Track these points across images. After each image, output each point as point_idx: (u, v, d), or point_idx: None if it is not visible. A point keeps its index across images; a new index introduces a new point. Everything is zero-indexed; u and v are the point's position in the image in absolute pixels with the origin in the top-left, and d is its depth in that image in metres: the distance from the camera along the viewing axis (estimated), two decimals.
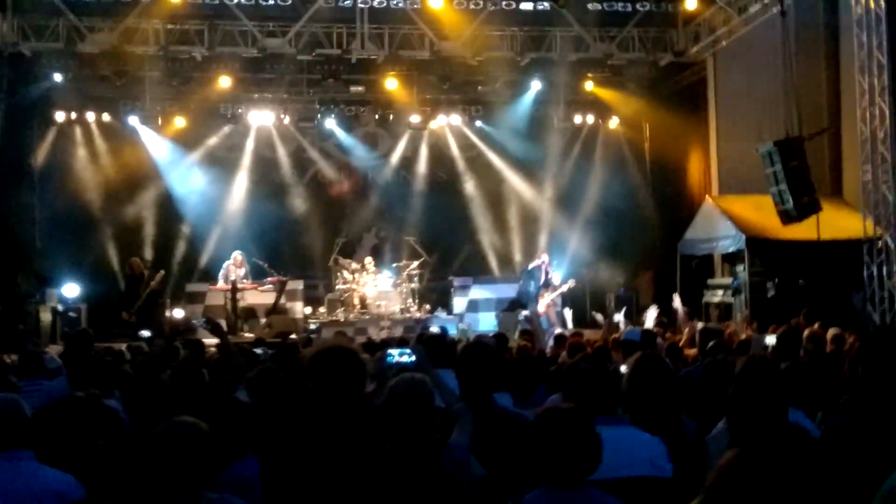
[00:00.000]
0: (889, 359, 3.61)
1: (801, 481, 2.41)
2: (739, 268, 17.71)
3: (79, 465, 4.68)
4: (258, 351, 10.68)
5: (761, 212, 16.40)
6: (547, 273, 18.71)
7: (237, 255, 18.82)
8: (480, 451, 4.64)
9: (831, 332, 8.64)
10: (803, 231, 15.16)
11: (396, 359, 4.77)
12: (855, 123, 15.61)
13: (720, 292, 18.56)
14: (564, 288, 18.96)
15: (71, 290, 18.95)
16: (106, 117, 21.34)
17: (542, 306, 18.11)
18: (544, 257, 19.01)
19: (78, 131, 21.38)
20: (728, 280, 18.54)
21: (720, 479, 2.42)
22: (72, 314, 18.18)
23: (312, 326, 18.94)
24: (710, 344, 6.88)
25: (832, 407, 4.77)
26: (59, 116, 20.93)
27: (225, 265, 18.70)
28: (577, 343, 9.31)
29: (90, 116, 21.20)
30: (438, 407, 4.43)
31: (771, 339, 7.70)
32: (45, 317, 17.80)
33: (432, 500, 3.91)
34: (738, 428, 4.22)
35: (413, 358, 4.72)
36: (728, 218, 17.43)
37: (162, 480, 3.63)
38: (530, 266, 19.25)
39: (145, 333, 13.88)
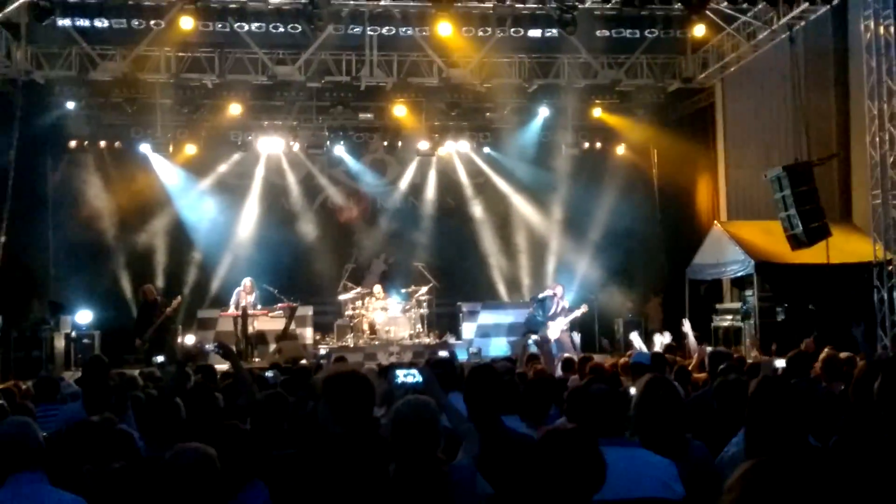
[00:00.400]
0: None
1: (818, 494, 2.44)
2: (748, 293, 17.72)
3: (93, 487, 4.73)
4: (269, 374, 10.72)
5: (770, 237, 16.44)
6: (558, 305, 18.71)
7: (247, 281, 18.88)
8: (488, 472, 4.68)
9: (841, 356, 8.63)
10: (813, 256, 15.19)
11: (402, 379, 4.80)
12: (864, 148, 15.67)
13: (729, 317, 18.55)
14: (577, 313, 18.96)
15: (84, 316, 19.06)
16: (118, 145, 21.47)
17: (555, 332, 18.10)
18: (558, 289, 19.01)
19: (90, 159, 21.53)
20: (737, 305, 18.53)
21: (738, 484, 2.46)
22: (85, 341, 18.29)
23: (322, 352, 18.96)
24: (721, 367, 6.89)
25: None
26: (72, 144, 21.08)
27: (236, 291, 18.76)
28: (597, 366, 9.30)
29: (102, 144, 21.33)
30: (445, 427, 4.47)
31: (780, 363, 7.71)
32: (59, 343, 17.87)
33: None
34: (755, 448, 4.23)
35: (419, 378, 4.75)
36: (737, 243, 17.47)
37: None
38: (541, 295, 19.26)
39: (159, 359, 13.90)
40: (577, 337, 19.11)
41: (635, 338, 14.06)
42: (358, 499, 3.99)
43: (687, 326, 12.45)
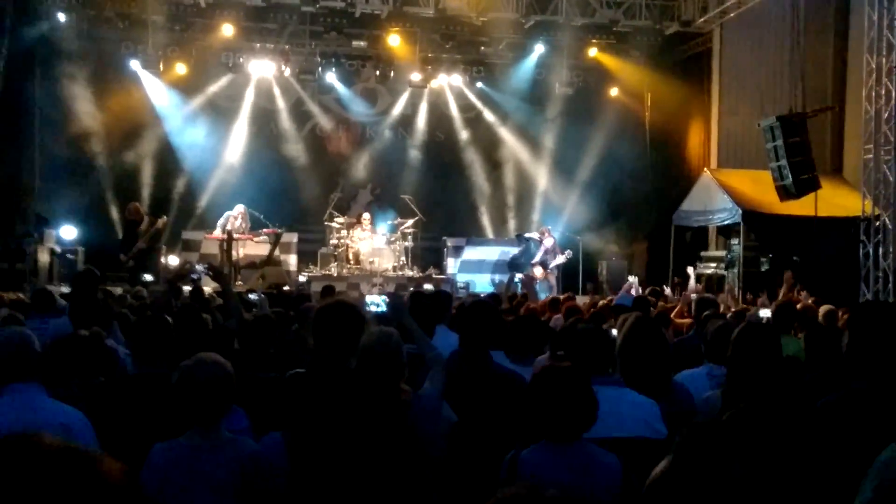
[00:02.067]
0: (874, 331, 3.68)
1: (793, 446, 2.48)
2: (734, 241, 17.80)
3: (81, 400, 4.75)
4: (253, 297, 10.75)
5: (759, 186, 16.48)
6: (544, 249, 18.78)
7: (240, 208, 18.78)
8: (476, 405, 4.74)
9: (824, 308, 8.71)
10: (801, 207, 15.26)
11: (370, 308, 4.85)
12: (859, 102, 15.64)
13: (713, 265, 18.67)
14: (561, 259, 19.06)
15: (69, 232, 18.95)
16: (107, 60, 21.15)
17: (540, 272, 18.20)
18: (545, 234, 19.05)
19: (79, 73, 21.20)
20: (722, 253, 18.64)
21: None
22: (69, 256, 18.21)
23: (302, 279, 19.00)
24: (706, 313, 6.94)
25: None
26: (61, 57, 20.72)
27: (225, 215, 18.65)
28: (573, 306, 9.38)
29: (92, 58, 20.99)
30: (413, 353, 4.52)
31: (766, 313, 7.77)
32: (44, 257, 17.80)
33: (398, 450, 4.01)
34: (733, 392, 4.29)
35: (382, 308, 4.80)
36: (725, 191, 17.50)
37: (189, 412, 3.83)
38: (527, 235, 19.34)
39: (147, 277, 13.90)
40: (552, 278, 19.18)
41: (634, 282, 14.00)
42: (326, 427, 4.04)
43: (690, 271, 12.53)
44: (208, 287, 12.07)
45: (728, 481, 2.39)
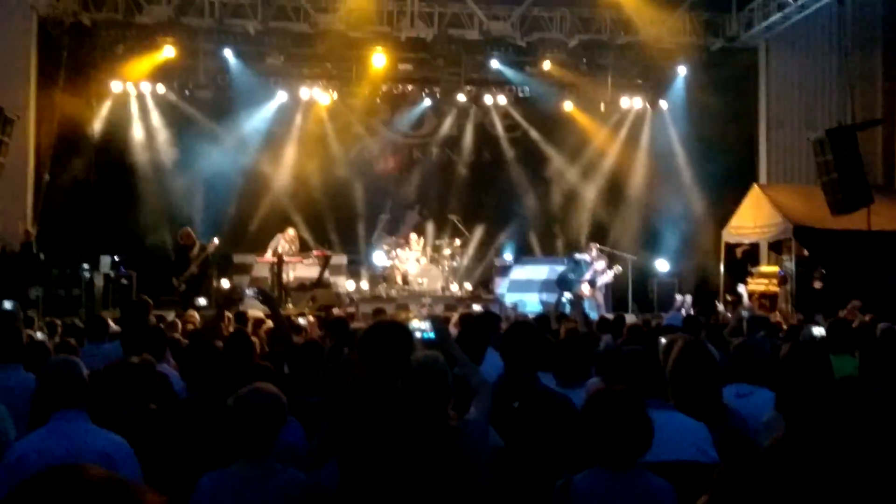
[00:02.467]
0: None
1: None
2: (786, 257, 17.58)
3: (132, 428, 4.82)
4: (301, 322, 10.86)
5: (810, 201, 16.29)
6: (593, 269, 18.73)
7: (290, 232, 18.97)
8: (523, 430, 4.71)
9: (882, 325, 8.53)
10: (853, 221, 15.02)
11: (415, 333, 4.84)
12: None
13: (765, 281, 18.44)
14: (610, 276, 18.97)
15: (122, 258, 19.24)
16: (161, 89, 21.52)
17: (587, 289, 18.12)
18: (593, 252, 18.99)
19: (133, 102, 21.61)
20: (773, 269, 18.40)
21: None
22: (123, 281, 18.52)
23: (350, 300, 19.10)
24: (760, 333, 6.83)
25: None
26: (116, 87, 21.14)
27: (276, 238, 18.85)
28: (635, 326, 9.30)
29: (145, 87, 21.38)
30: (462, 379, 4.51)
31: (819, 330, 7.63)
32: (98, 283, 18.14)
33: (444, 476, 3.98)
34: (788, 412, 4.22)
35: (429, 333, 4.78)
36: (775, 206, 17.31)
37: (240, 441, 3.88)
38: (577, 256, 19.27)
39: (201, 301, 14.06)
40: (600, 296, 19.06)
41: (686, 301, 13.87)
42: (374, 451, 4.04)
43: (742, 290, 12.40)
44: (258, 311, 12.20)
45: None
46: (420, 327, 4.82)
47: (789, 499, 2.43)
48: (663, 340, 6.16)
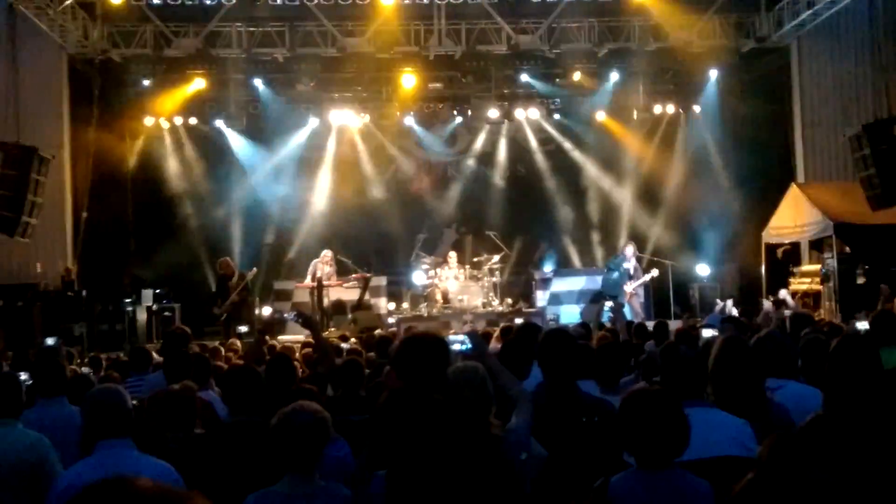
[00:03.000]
0: None
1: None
2: (827, 255, 17.37)
3: (177, 454, 4.87)
4: (345, 346, 10.88)
5: (849, 197, 16.10)
6: (631, 266, 18.66)
7: (327, 253, 19.08)
8: (565, 437, 4.69)
9: None
10: (894, 216, 14.82)
11: (453, 347, 4.84)
12: None
13: (807, 280, 18.23)
14: (647, 278, 18.88)
15: (165, 290, 19.45)
16: (193, 121, 21.80)
17: (625, 296, 18.02)
18: (629, 248, 18.95)
19: (166, 135, 21.91)
20: (816, 267, 18.18)
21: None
22: (166, 314, 18.72)
23: (391, 321, 19.14)
24: (805, 331, 6.75)
25: None
26: (148, 121, 21.45)
27: (313, 263, 18.97)
28: (684, 330, 9.24)
29: (178, 120, 21.67)
30: (501, 390, 4.49)
31: (863, 325, 7.55)
32: (141, 316, 18.37)
33: (490, 484, 3.97)
34: (834, 406, 4.16)
35: (468, 345, 4.78)
36: (814, 204, 17.13)
37: (285, 459, 3.91)
38: (615, 261, 19.20)
39: (243, 329, 14.17)
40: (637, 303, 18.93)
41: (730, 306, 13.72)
42: (418, 462, 4.03)
43: (785, 294, 12.26)
44: (301, 335, 12.27)
45: (814, 491, 2.34)
46: (458, 340, 4.83)
47: (830, 468, 2.40)
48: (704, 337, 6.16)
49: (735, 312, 15.02)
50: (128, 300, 18.24)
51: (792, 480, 2.40)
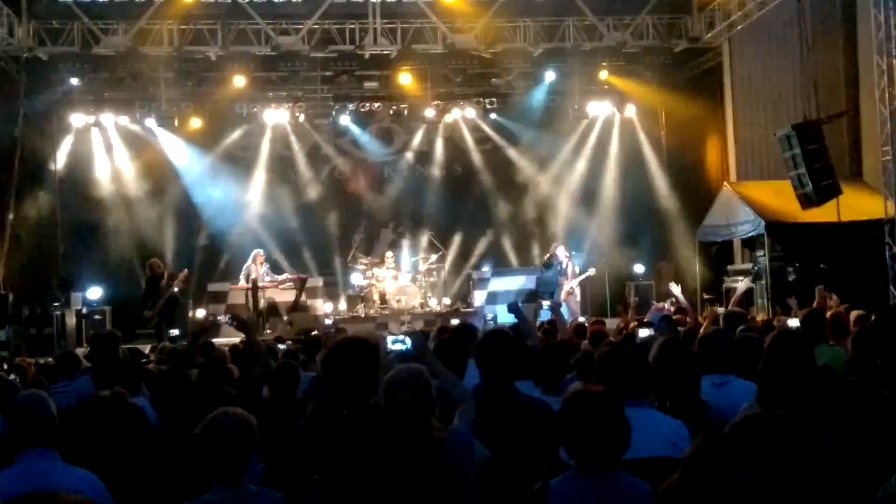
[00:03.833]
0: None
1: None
2: (759, 253, 17.64)
3: (105, 462, 4.73)
4: (282, 347, 10.72)
5: (780, 196, 16.35)
6: (563, 265, 18.75)
7: (258, 253, 18.88)
8: (503, 438, 4.66)
9: (855, 313, 8.56)
10: (823, 214, 15.09)
11: (391, 346, 4.76)
12: (874, 105, 15.50)
13: (740, 278, 18.48)
14: (583, 277, 19.00)
15: (94, 293, 19.04)
16: (123, 120, 21.39)
17: (561, 295, 18.10)
18: (560, 249, 19.05)
19: (96, 134, 21.47)
20: (748, 266, 18.46)
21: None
22: (97, 317, 18.29)
23: (328, 322, 18.98)
24: (740, 328, 6.82)
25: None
26: (77, 120, 21.00)
27: (246, 264, 18.76)
28: (598, 332, 9.29)
29: (107, 119, 21.24)
30: (443, 391, 4.43)
31: (794, 322, 7.65)
32: (71, 320, 17.91)
33: (431, 488, 3.92)
34: (767, 402, 4.18)
35: (408, 345, 4.71)
36: (747, 203, 17.39)
37: (213, 467, 3.79)
38: (546, 256, 19.32)
39: (173, 332, 13.93)
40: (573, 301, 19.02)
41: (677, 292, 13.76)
42: (355, 470, 3.96)
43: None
44: (235, 338, 12.08)
45: (734, 491, 2.34)
46: (398, 340, 4.74)
47: (756, 468, 2.40)
48: (640, 336, 6.19)
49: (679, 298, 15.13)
50: (56, 303, 17.80)
51: (714, 481, 2.40)
